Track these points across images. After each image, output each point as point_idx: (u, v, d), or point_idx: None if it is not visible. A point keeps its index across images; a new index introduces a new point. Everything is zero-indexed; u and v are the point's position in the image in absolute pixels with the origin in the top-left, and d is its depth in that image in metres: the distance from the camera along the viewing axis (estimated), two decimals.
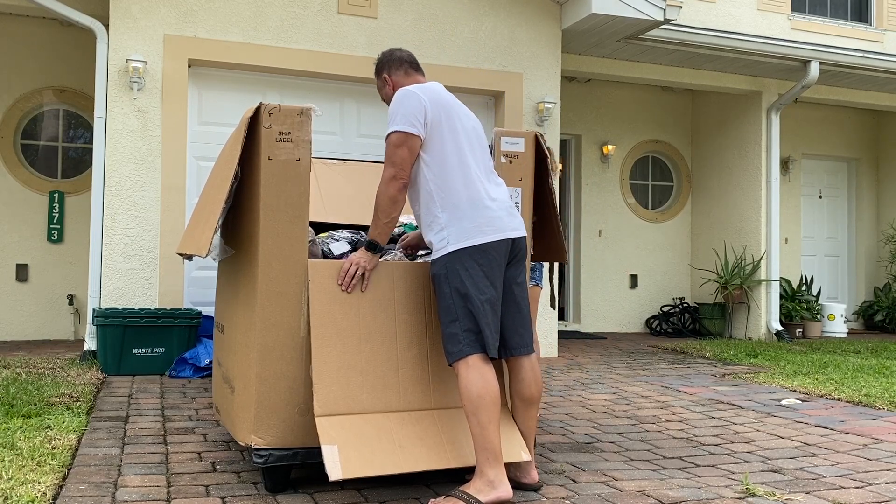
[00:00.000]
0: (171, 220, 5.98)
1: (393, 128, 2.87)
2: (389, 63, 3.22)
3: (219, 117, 6.40)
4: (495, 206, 2.87)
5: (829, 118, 10.61)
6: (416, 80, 3.17)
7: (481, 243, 2.80)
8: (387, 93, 3.22)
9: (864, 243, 10.90)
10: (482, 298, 2.76)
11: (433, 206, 2.87)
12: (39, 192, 7.38)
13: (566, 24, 7.12)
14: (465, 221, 2.81)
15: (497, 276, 2.82)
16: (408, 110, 2.86)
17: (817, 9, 9.67)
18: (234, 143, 3.00)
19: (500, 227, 2.84)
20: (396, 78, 3.19)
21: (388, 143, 2.87)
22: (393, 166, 2.85)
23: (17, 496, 2.62)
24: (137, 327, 5.46)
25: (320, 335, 2.82)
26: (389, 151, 2.87)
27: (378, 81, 3.27)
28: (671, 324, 9.54)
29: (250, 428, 2.80)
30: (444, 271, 2.81)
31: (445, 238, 2.82)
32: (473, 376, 2.71)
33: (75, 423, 3.72)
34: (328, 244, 3.48)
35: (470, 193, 2.84)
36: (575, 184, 9.61)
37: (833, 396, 5.12)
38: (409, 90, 2.93)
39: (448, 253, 2.80)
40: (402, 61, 3.21)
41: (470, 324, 2.75)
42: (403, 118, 2.85)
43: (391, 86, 3.19)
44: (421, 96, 2.89)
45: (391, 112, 2.92)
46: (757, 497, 2.93)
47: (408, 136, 2.84)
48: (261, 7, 6.31)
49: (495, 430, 2.69)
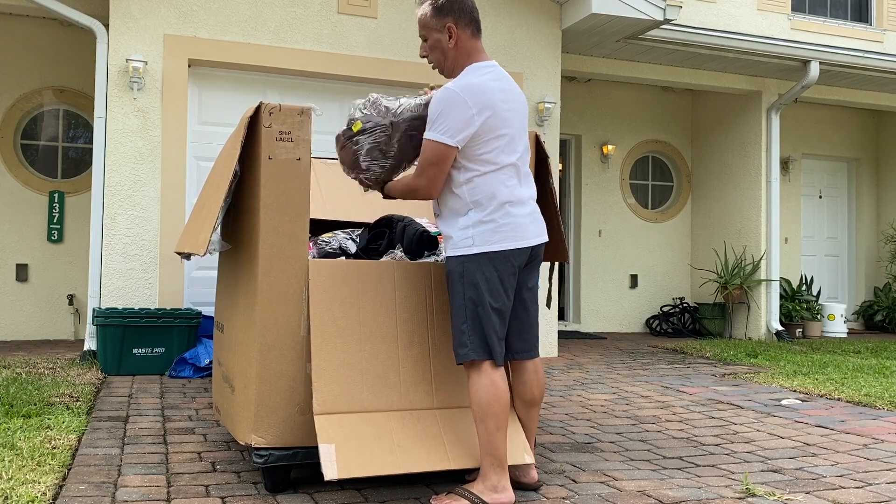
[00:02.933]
0: (171, 219, 5.98)
1: (434, 136, 2.66)
2: (460, 9, 2.76)
3: (219, 117, 6.40)
4: (523, 210, 2.77)
5: (829, 118, 10.61)
6: (478, 49, 2.80)
7: (505, 250, 2.72)
8: (443, 47, 2.78)
9: (864, 243, 10.90)
10: (494, 306, 2.71)
11: (462, 199, 2.74)
12: (39, 192, 7.38)
13: (566, 24, 7.11)
14: (493, 224, 2.71)
15: (512, 283, 2.77)
16: (455, 121, 2.64)
17: (817, 9, 9.67)
18: (234, 142, 3.00)
19: (525, 235, 2.76)
20: (463, 35, 2.77)
21: (425, 151, 2.68)
22: (424, 179, 2.70)
23: (17, 496, 2.61)
24: (137, 327, 5.46)
25: (320, 334, 2.82)
26: (423, 162, 2.69)
27: (431, 25, 2.77)
28: (671, 324, 9.54)
29: (250, 427, 2.80)
30: (461, 270, 2.73)
31: (470, 237, 2.72)
32: (484, 382, 2.68)
33: (75, 423, 3.71)
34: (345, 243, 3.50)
35: (502, 197, 2.72)
36: (575, 184, 9.61)
37: (833, 396, 5.12)
38: (459, 97, 2.65)
39: (470, 254, 2.71)
40: (472, 17, 2.78)
41: (479, 329, 2.70)
42: (448, 128, 2.64)
43: (455, 40, 2.76)
44: (471, 108, 2.64)
45: (434, 112, 2.67)
46: (757, 497, 2.93)
47: (447, 149, 2.65)
48: (261, 7, 6.31)
49: (503, 436, 2.67)
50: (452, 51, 2.79)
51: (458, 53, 2.79)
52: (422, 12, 2.81)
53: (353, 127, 2.87)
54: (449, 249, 2.80)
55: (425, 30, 2.81)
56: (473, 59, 2.80)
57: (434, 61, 2.85)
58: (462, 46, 2.78)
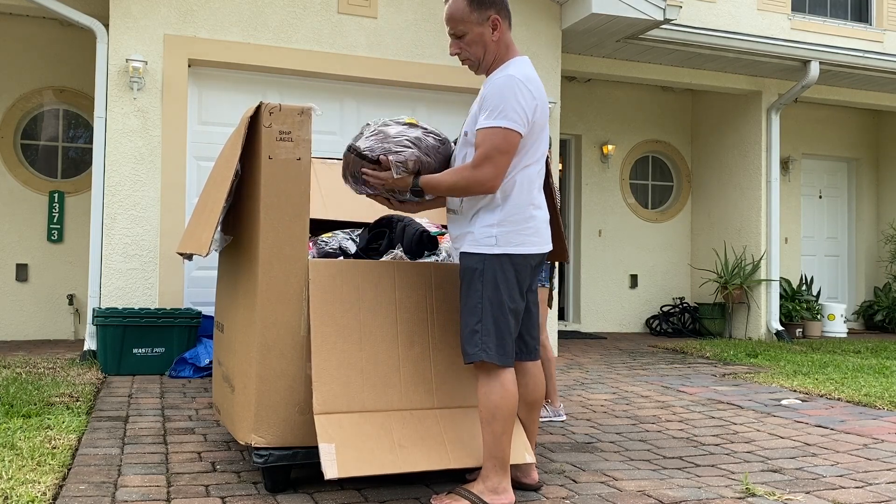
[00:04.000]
0: (171, 219, 5.98)
1: (503, 122, 2.56)
2: (501, 0, 2.70)
3: (219, 117, 6.40)
4: (541, 214, 2.76)
5: (829, 118, 10.61)
6: (513, 43, 2.76)
7: (527, 253, 2.71)
8: (486, 41, 2.70)
9: (864, 243, 10.90)
10: (511, 307, 2.69)
11: (493, 197, 2.68)
12: (39, 192, 7.38)
13: (566, 24, 7.11)
14: (518, 225, 2.68)
15: (527, 285, 2.77)
16: (524, 107, 2.58)
17: (817, 9, 9.67)
18: (235, 142, 3.00)
19: (542, 241, 2.75)
20: (504, 27, 2.71)
21: (493, 138, 2.57)
22: (492, 169, 2.57)
23: (17, 496, 2.61)
24: (137, 327, 5.46)
25: (321, 333, 2.82)
26: (491, 150, 2.57)
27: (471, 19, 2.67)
28: (671, 324, 9.54)
29: (250, 427, 2.80)
30: (480, 267, 2.68)
31: (493, 236, 2.67)
32: (494, 385, 2.66)
33: (75, 423, 3.71)
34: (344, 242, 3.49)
35: (530, 198, 2.70)
36: (575, 184, 9.61)
37: (833, 396, 5.12)
38: (524, 85, 2.60)
39: (492, 254, 2.67)
40: (508, 9, 2.73)
41: (494, 330, 2.66)
42: (520, 115, 2.58)
43: (499, 32, 2.69)
44: (535, 98, 2.62)
45: (501, 99, 2.58)
46: (757, 497, 2.93)
47: (518, 137, 2.59)
48: (261, 7, 6.31)
49: (508, 440, 2.67)
50: (495, 44, 2.71)
51: (500, 47, 2.73)
52: (455, 7, 2.69)
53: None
54: (467, 245, 2.73)
55: (463, 24, 2.69)
56: (511, 53, 2.76)
57: (471, 57, 2.74)
58: (503, 39, 2.72)
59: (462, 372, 2.98)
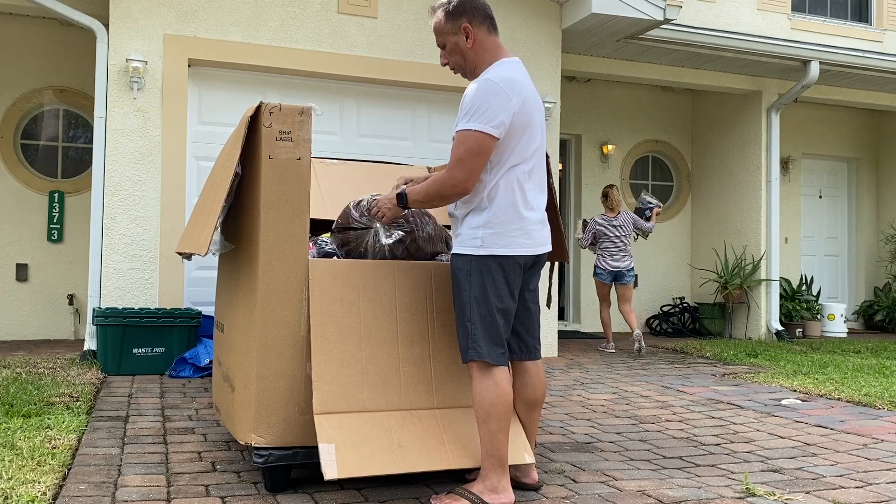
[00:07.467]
0: (171, 219, 5.98)
1: (476, 125, 2.59)
2: (473, 9, 2.73)
3: (219, 117, 6.40)
4: (534, 216, 2.75)
5: (829, 118, 10.61)
6: (497, 46, 2.78)
7: (513, 254, 2.71)
8: (462, 48, 2.76)
9: (864, 243, 10.90)
10: (499, 307, 2.70)
11: (478, 195, 2.70)
12: (39, 192, 7.38)
13: (566, 23, 7.11)
14: (505, 227, 2.69)
15: (518, 285, 2.77)
16: (496, 110, 2.59)
17: (817, 9, 9.67)
18: (235, 142, 3.00)
19: (533, 242, 2.75)
20: (479, 33, 2.75)
21: (465, 141, 2.60)
22: (464, 171, 2.60)
23: (17, 496, 2.61)
24: (137, 327, 5.46)
25: (321, 333, 2.82)
26: (463, 153, 2.60)
27: (447, 29, 2.75)
28: (671, 323, 9.54)
29: (250, 427, 2.80)
30: (467, 268, 2.71)
31: (479, 237, 2.69)
32: (488, 383, 2.67)
33: (75, 423, 3.71)
34: None
35: (517, 200, 2.70)
36: (575, 184, 9.61)
37: (833, 396, 5.12)
38: (499, 87, 2.62)
39: (478, 255, 2.69)
40: (486, 14, 2.76)
41: (483, 329, 2.69)
42: (490, 117, 2.59)
43: (472, 39, 2.74)
44: (511, 99, 2.63)
45: (474, 102, 2.62)
46: (757, 497, 2.93)
47: (490, 140, 2.60)
48: (261, 7, 6.31)
49: (504, 438, 2.67)
50: (471, 51, 2.77)
51: (477, 52, 2.77)
52: (436, 20, 2.80)
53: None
54: (456, 246, 2.78)
55: (442, 36, 2.80)
56: (496, 56, 2.78)
57: (455, 65, 2.83)
58: (480, 44, 2.76)
59: (462, 372, 2.98)
